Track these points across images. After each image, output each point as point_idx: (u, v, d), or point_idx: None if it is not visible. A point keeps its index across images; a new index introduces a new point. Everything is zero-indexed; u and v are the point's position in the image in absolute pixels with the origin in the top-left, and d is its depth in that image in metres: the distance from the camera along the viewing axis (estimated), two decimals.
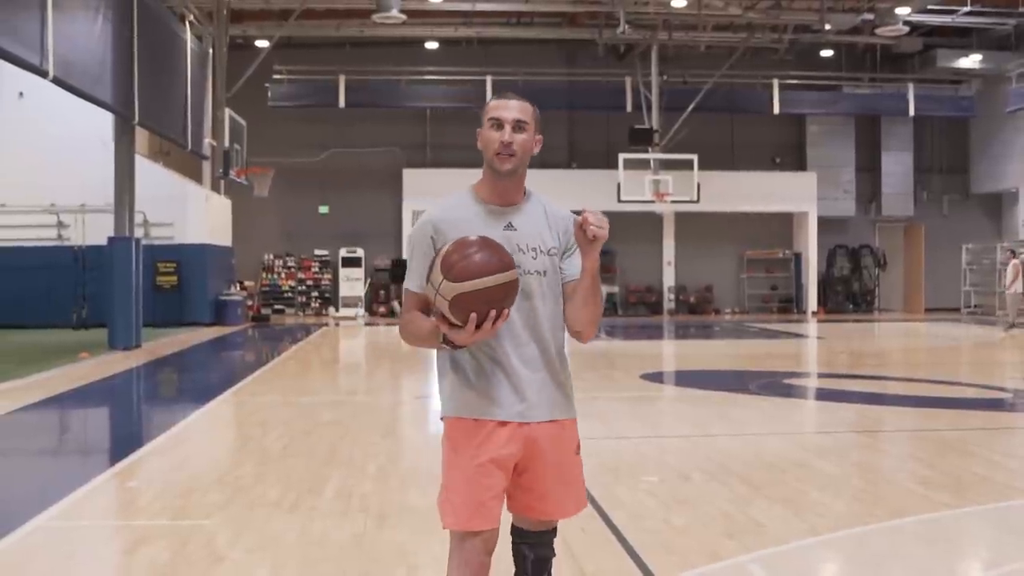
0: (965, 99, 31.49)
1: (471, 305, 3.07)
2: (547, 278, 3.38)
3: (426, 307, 3.30)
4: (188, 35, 21.77)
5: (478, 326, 3.09)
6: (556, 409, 3.42)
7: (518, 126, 3.32)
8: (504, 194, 3.39)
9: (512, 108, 3.34)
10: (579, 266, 3.39)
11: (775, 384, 13.59)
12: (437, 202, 3.47)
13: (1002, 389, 13.37)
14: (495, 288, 3.07)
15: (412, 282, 3.38)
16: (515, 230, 3.35)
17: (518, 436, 3.33)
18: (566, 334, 3.50)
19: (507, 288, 3.11)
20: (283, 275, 30.89)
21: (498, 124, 3.32)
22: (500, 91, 3.49)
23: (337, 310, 29.54)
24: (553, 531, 3.58)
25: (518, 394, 3.34)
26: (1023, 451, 8.87)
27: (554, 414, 3.41)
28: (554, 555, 3.61)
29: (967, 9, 26.43)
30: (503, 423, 3.33)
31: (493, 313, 3.09)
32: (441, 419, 3.46)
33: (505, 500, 3.42)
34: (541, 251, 3.37)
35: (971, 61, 30.04)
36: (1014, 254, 24.94)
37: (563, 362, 3.47)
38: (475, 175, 3.37)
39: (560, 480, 3.44)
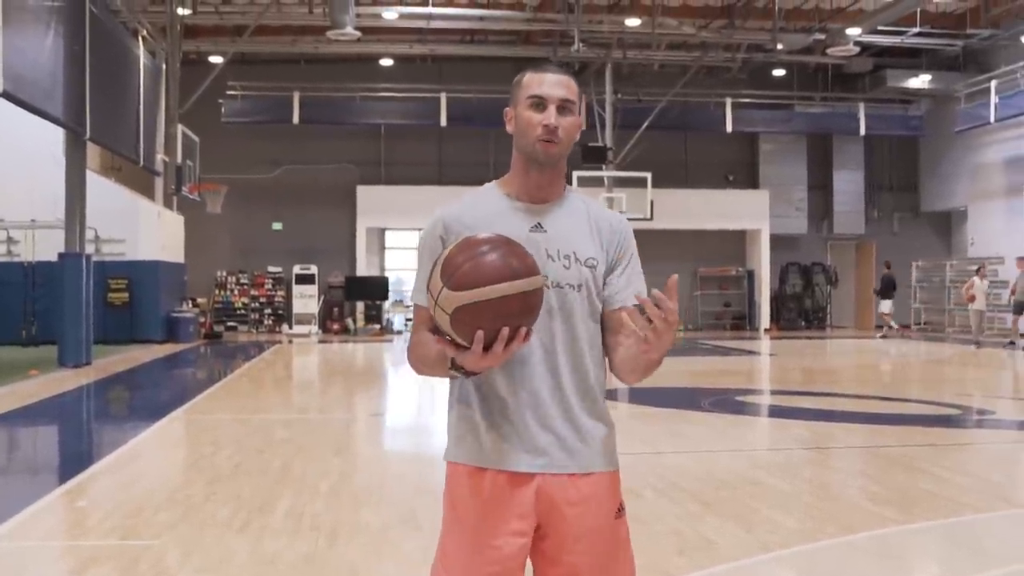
0: (915, 119, 31.96)
1: (477, 320, 2.39)
2: (581, 293, 2.72)
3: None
4: (141, 50, 21.64)
5: (488, 347, 2.42)
6: (591, 459, 2.72)
7: (564, 107, 2.70)
8: (538, 189, 2.77)
9: (557, 84, 2.71)
10: (632, 290, 2.81)
11: (727, 401, 13.66)
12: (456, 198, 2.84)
13: (950, 405, 13.50)
14: (509, 299, 2.38)
15: (419, 294, 2.69)
16: (544, 232, 2.73)
17: (536, 492, 2.66)
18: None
19: (525, 299, 2.41)
20: (236, 292, 30.66)
21: (540, 104, 2.69)
22: (538, 66, 2.79)
23: (291, 327, 29.42)
24: None
25: (538, 439, 2.66)
26: (971, 467, 8.97)
27: (588, 465, 2.71)
28: None
29: (916, 30, 26.86)
30: (517, 475, 2.66)
31: (506, 332, 2.40)
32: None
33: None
34: (577, 260, 2.73)
35: (920, 81, 30.48)
36: (979, 271, 25.15)
37: (601, 399, 2.78)
38: (431, 192, 2.90)
39: (595, 552, 2.71)
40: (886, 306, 28.38)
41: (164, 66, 23.37)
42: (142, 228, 24.77)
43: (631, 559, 2.83)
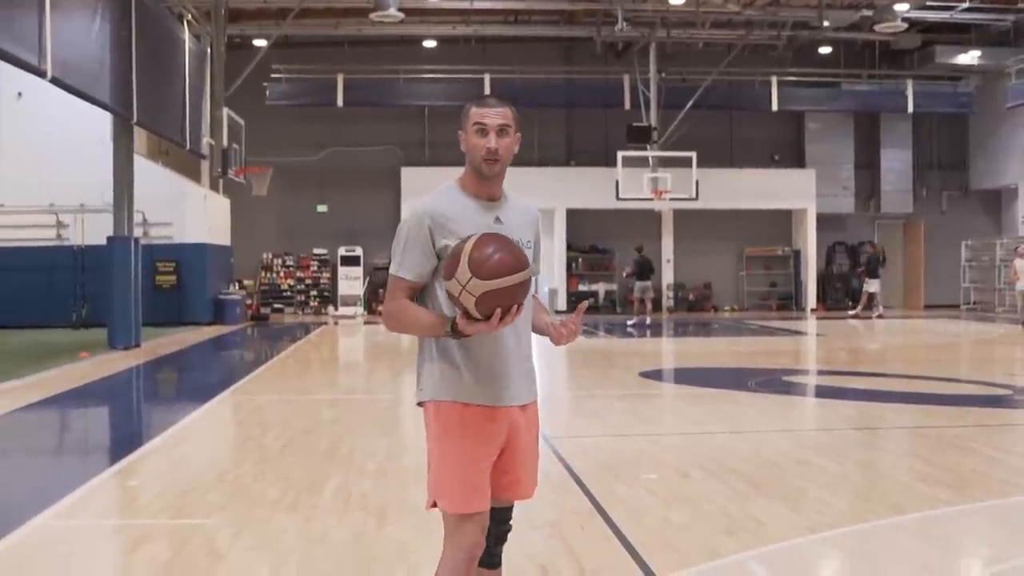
0: (964, 95, 31.45)
1: (497, 301, 3.25)
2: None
3: (413, 295, 3.57)
4: (186, 34, 21.76)
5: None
6: (532, 392, 3.69)
7: (502, 131, 3.53)
8: (490, 191, 3.60)
9: (495, 115, 3.53)
10: (537, 265, 3.68)
11: (774, 381, 13.58)
12: (427, 195, 3.67)
13: (1001, 386, 13.36)
14: (518, 286, 3.27)
15: (404, 270, 3.55)
16: (503, 224, 3.55)
17: (505, 420, 3.55)
18: None
19: (526, 285, 3.31)
20: (282, 274, 30.89)
21: (483, 130, 3.52)
22: (481, 95, 3.73)
23: (336, 309, 29.54)
24: (512, 505, 3.80)
25: (508, 380, 3.55)
26: (1023, 447, 8.87)
27: (530, 396, 3.68)
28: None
29: (966, 5, 26.40)
30: (494, 407, 3.52)
31: (515, 308, 3.29)
32: (419, 404, 3.62)
33: None
34: (523, 243, 3.52)
35: (970, 57, 30.03)
36: (1017, 251, 24.86)
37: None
38: None
39: (532, 461, 3.72)
40: (874, 285, 28.05)
41: (209, 50, 23.46)
42: (189, 211, 24.99)
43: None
